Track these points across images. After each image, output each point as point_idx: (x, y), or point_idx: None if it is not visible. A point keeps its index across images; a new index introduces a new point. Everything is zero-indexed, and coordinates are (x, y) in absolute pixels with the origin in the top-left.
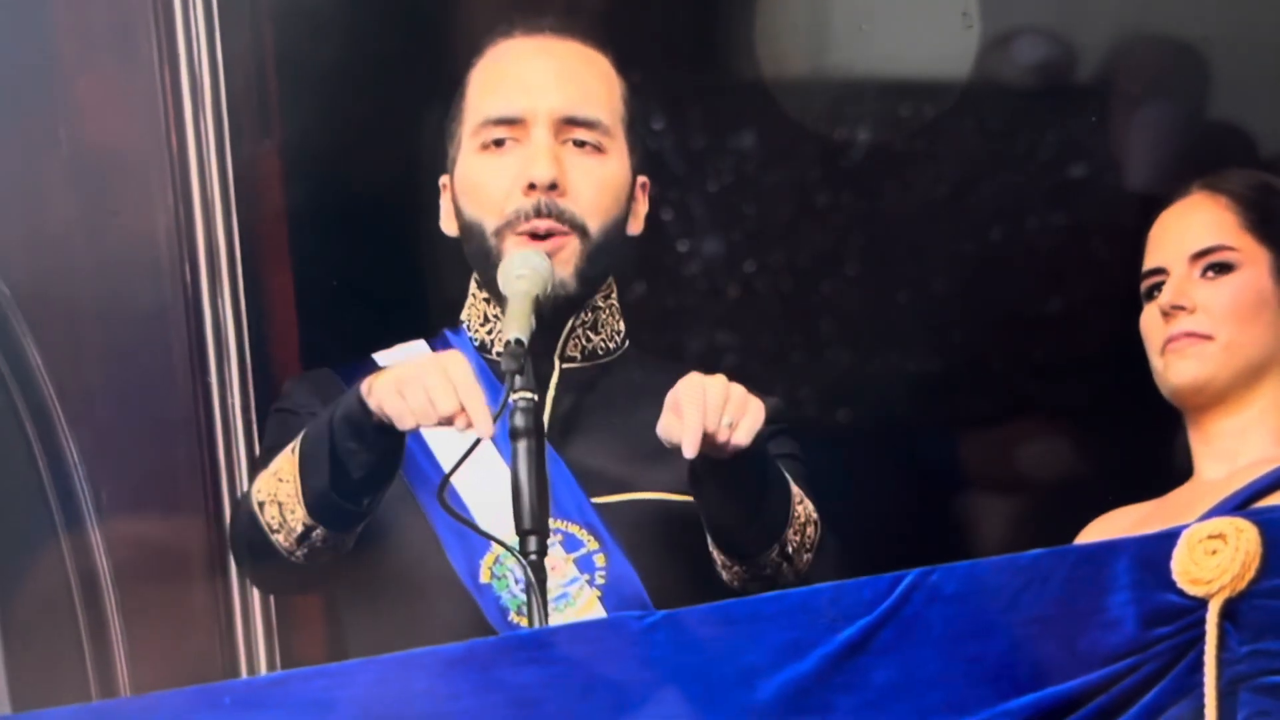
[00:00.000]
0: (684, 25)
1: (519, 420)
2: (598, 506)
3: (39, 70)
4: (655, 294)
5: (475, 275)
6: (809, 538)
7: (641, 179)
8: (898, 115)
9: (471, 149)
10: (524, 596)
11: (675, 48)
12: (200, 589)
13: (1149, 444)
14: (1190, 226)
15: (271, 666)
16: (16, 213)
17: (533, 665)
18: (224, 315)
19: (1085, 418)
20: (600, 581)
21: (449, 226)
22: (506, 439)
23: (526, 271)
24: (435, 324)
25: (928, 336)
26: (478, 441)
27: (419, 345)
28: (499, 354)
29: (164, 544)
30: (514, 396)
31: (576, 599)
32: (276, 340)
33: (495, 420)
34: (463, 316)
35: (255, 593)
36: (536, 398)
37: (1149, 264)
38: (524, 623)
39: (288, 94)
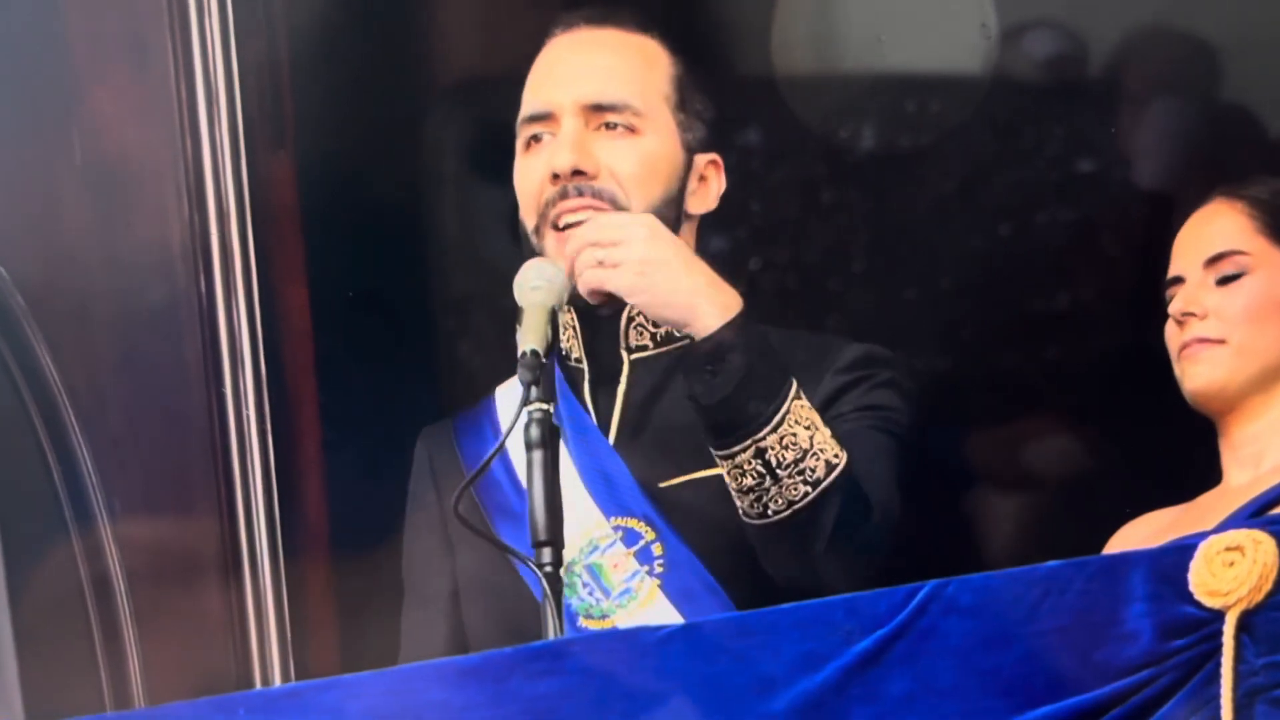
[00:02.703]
0: (688, 22)
1: (534, 432)
2: (661, 491)
3: (53, 80)
4: None
5: None
6: (811, 470)
7: (710, 156)
8: (905, 111)
9: (519, 151)
10: (590, 600)
11: (681, 44)
12: (214, 597)
13: (1161, 440)
14: (1206, 234)
15: (285, 671)
16: (32, 222)
17: (548, 676)
18: (238, 324)
19: (1096, 414)
20: (659, 570)
21: None
22: (575, 443)
23: (541, 283)
24: (450, 335)
25: (935, 333)
26: (495, 453)
27: None
28: (577, 360)
29: (178, 553)
30: (529, 408)
31: (639, 592)
32: (291, 349)
33: (509, 432)
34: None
35: (269, 598)
36: (551, 408)
37: (1170, 273)
38: (593, 625)
39: (302, 102)
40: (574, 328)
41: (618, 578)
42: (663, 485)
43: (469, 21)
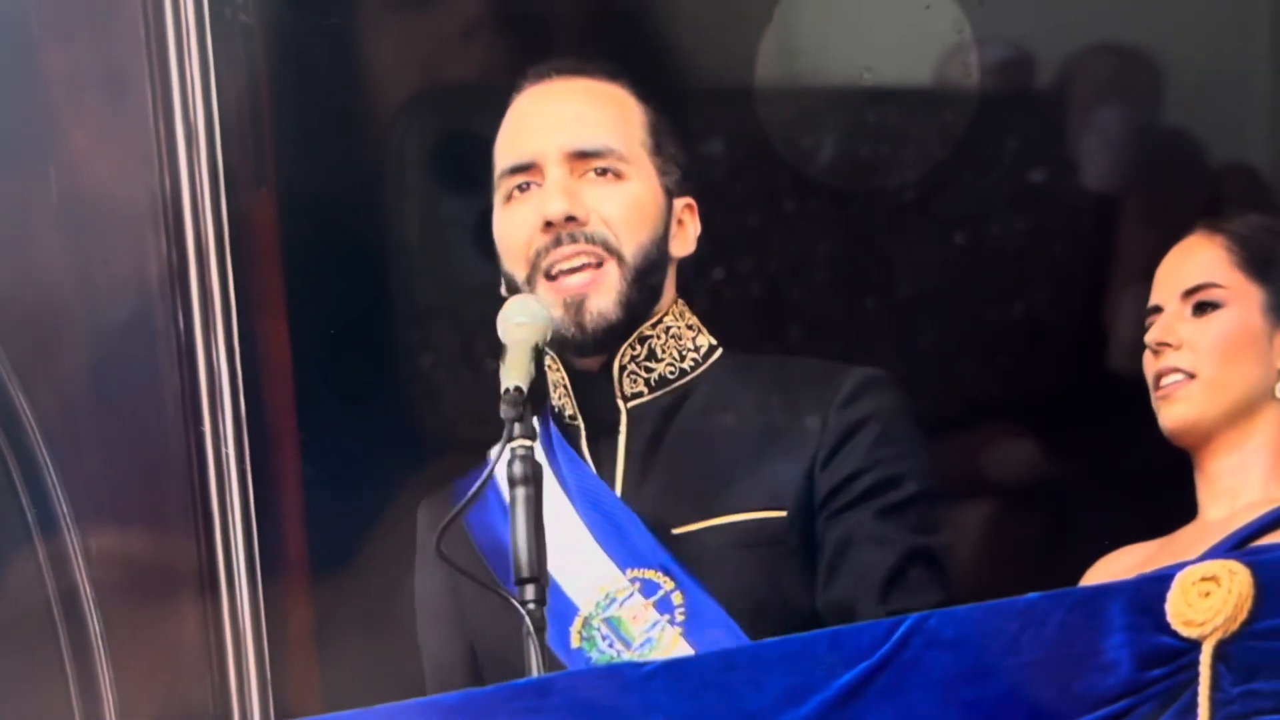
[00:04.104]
0: (648, 35)
1: (516, 469)
2: (675, 539)
3: (30, 117)
4: None
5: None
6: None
7: (686, 200)
8: (864, 121)
9: (500, 204)
10: (611, 652)
11: (641, 55)
12: (193, 636)
13: (1116, 445)
14: (1185, 266)
15: (265, 711)
16: (7, 261)
17: (532, 714)
18: (218, 364)
19: (1052, 421)
20: (680, 619)
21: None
22: (581, 499)
23: (525, 319)
24: (430, 373)
25: (897, 342)
26: (479, 490)
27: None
28: (571, 417)
29: (156, 593)
30: (512, 445)
31: (660, 641)
32: (271, 387)
33: (491, 470)
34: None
35: (249, 637)
36: (534, 446)
37: (1150, 303)
38: None
39: (282, 140)
40: (565, 385)
41: (638, 629)
42: (676, 532)
43: (452, 61)
